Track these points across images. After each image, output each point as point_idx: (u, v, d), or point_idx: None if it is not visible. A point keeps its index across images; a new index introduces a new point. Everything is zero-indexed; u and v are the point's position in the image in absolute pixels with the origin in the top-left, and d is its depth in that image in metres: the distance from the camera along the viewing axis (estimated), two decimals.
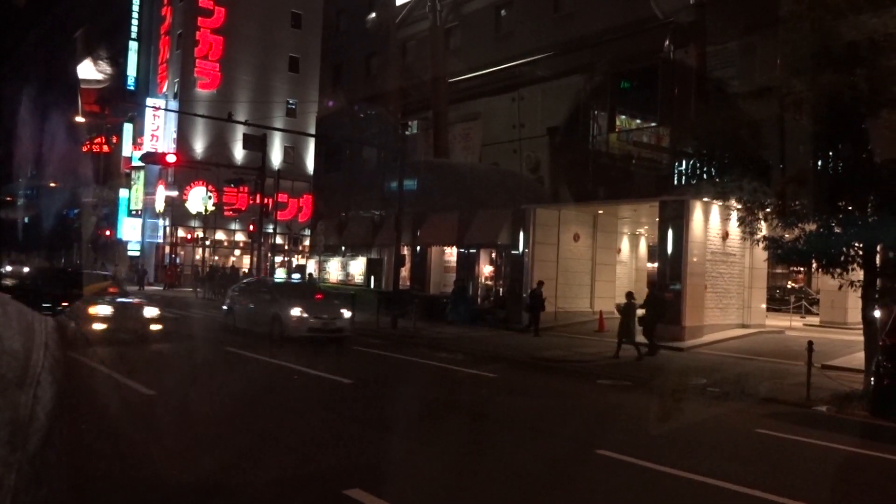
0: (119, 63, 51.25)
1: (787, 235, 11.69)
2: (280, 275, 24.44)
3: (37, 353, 0.86)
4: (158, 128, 46.54)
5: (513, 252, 23.26)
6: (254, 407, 9.55)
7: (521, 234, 22.75)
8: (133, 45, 49.98)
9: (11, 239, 55.59)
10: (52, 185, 55.80)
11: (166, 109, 44.72)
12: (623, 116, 21.68)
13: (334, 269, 30.85)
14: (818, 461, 7.94)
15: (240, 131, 42.88)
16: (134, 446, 7.00)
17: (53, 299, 15.72)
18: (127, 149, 50.71)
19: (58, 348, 0.89)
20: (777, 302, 27.06)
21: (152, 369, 12.66)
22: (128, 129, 51.02)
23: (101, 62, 53.69)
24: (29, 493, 0.80)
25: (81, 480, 4.68)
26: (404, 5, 29.03)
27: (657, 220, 20.18)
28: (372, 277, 29.06)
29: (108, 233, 51.70)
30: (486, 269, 25.78)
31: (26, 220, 58.73)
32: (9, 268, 48.89)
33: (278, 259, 43.46)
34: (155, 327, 15.56)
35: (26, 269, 28.87)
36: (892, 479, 7.57)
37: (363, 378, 12.74)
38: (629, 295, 16.91)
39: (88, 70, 54.20)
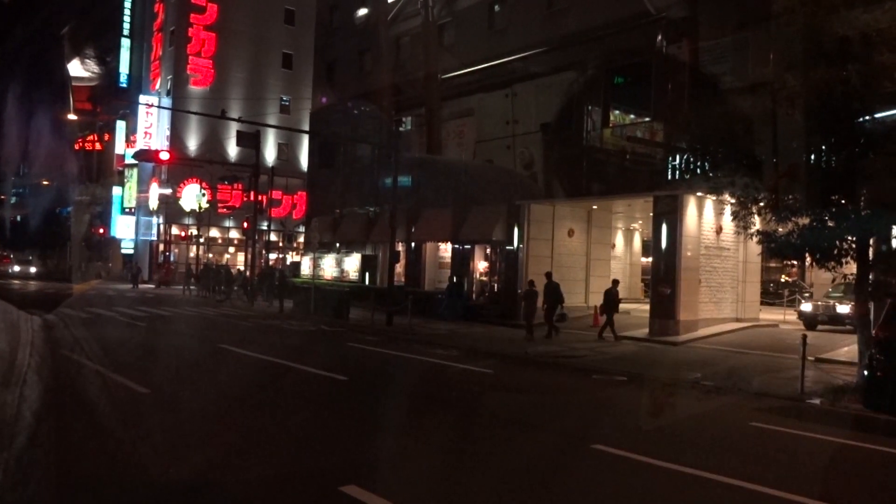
0: (111, 60, 51.06)
1: (780, 229, 11.71)
2: None
3: (22, 352, 0.85)
4: (151, 125, 46.39)
5: (507, 248, 23.26)
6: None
7: (516, 230, 22.75)
8: (125, 43, 49.79)
9: (2, 238, 55.40)
10: (45, 183, 55.64)
11: (159, 107, 44.57)
12: (617, 112, 21.69)
13: (329, 266, 30.81)
14: (812, 454, 7.98)
15: (233, 128, 42.72)
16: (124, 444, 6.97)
17: None
18: (120, 146, 50.54)
19: (44, 347, 0.88)
20: (771, 296, 27.18)
21: None
22: (121, 126, 50.84)
23: (92, 60, 53.50)
24: (16, 493, 0.80)
25: (70, 479, 4.66)
26: (396, 2, 28.96)
27: (651, 214, 20.20)
28: (367, 274, 29.04)
29: (101, 231, 51.55)
30: (481, 265, 25.78)
31: (18, 218, 58.50)
32: (16, 268, 48.52)
33: (273, 256, 43.40)
34: None
35: None
36: (886, 470, 7.62)
37: (359, 375, 12.73)
38: (530, 283, 19.23)
39: (80, 67, 53.99)
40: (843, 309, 18.92)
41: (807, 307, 20.64)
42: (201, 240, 43.29)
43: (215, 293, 33.22)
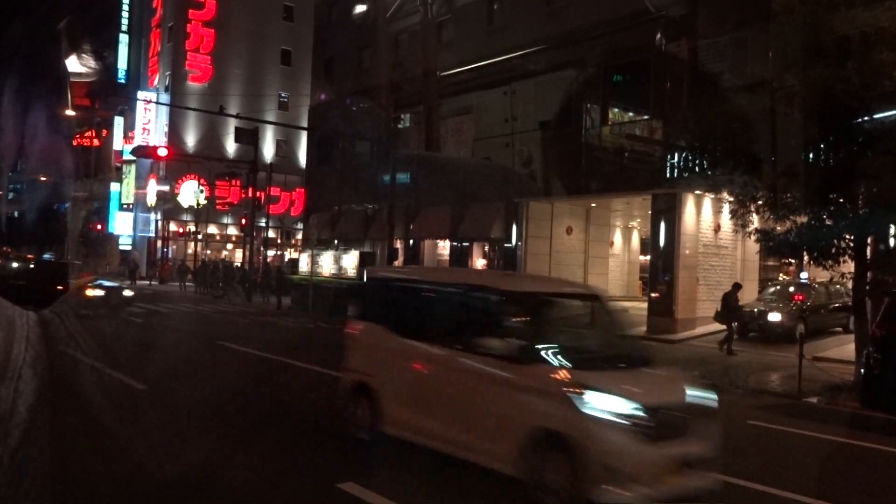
0: (109, 56, 50.91)
1: (778, 228, 11.72)
2: None
3: (18, 347, 0.84)
4: (150, 121, 46.24)
5: (506, 245, 23.25)
6: None
7: (514, 228, 22.74)
8: (123, 38, 49.61)
9: None
10: (43, 178, 55.47)
11: (157, 103, 44.43)
12: (615, 110, 21.66)
13: (327, 263, 30.77)
14: (810, 452, 7.98)
15: (232, 125, 42.55)
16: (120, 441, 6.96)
17: None
18: (118, 142, 50.37)
19: (40, 342, 0.88)
20: None
21: None
22: (119, 122, 50.66)
23: (90, 55, 53.33)
24: (10, 489, 0.79)
25: (65, 475, 4.64)
26: None
27: (649, 213, 20.19)
28: (365, 271, 29.00)
29: (99, 227, 51.42)
30: (479, 263, 25.77)
31: (15, 214, 58.36)
32: (15, 264, 48.31)
33: (271, 253, 43.35)
34: None
35: None
36: (883, 468, 7.63)
37: None
38: None
39: (78, 63, 53.83)
40: (775, 317, 16.94)
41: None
42: (199, 236, 43.24)
43: (213, 289, 33.18)
